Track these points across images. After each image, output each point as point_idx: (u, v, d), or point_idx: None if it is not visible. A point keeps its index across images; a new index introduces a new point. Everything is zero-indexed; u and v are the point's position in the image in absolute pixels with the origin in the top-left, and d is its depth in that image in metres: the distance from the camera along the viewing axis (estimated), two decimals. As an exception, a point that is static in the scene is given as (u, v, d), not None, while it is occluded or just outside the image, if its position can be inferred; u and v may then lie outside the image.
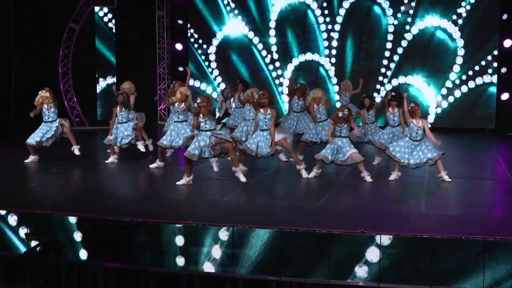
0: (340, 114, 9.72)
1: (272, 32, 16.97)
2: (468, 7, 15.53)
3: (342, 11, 16.47)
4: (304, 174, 10.07)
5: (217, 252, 7.15)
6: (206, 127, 9.42)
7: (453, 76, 15.81)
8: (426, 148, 9.63)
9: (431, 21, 15.83)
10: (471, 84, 15.72)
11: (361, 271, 6.77)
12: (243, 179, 9.55)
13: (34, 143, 11.39)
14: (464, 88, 15.77)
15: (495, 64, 15.47)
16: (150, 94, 17.31)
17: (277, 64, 17.03)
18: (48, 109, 11.51)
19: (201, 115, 9.41)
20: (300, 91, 11.90)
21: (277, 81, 17.11)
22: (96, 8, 17.72)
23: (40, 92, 11.54)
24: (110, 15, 17.98)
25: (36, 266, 7.45)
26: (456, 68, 15.74)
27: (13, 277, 7.96)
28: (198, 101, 9.40)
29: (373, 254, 6.72)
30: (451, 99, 15.82)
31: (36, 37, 18.05)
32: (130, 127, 11.42)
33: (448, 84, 15.87)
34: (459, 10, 15.59)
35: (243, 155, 10.01)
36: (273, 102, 10.15)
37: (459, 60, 15.72)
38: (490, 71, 15.56)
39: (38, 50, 18.06)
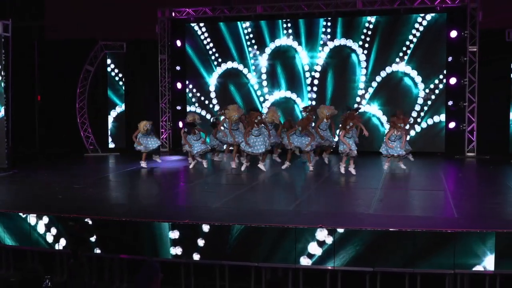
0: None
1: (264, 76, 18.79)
2: (419, 52, 17.49)
3: (323, 55, 18.21)
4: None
5: (201, 242, 8.67)
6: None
7: (414, 113, 17.64)
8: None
9: (396, 66, 17.65)
10: (427, 117, 17.59)
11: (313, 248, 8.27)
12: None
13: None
14: (423, 124, 17.62)
15: (443, 98, 17.40)
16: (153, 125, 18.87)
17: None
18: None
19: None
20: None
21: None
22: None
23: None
24: (113, 65, 19.25)
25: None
26: (417, 107, 17.61)
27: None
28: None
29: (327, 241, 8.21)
30: (412, 132, 17.55)
31: (56, 77, 19.68)
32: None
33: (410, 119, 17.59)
34: (415, 57, 17.50)
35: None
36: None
37: (420, 100, 17.58)
38: (439, 104, 17.47)
39: (58, 88, 19.62)
